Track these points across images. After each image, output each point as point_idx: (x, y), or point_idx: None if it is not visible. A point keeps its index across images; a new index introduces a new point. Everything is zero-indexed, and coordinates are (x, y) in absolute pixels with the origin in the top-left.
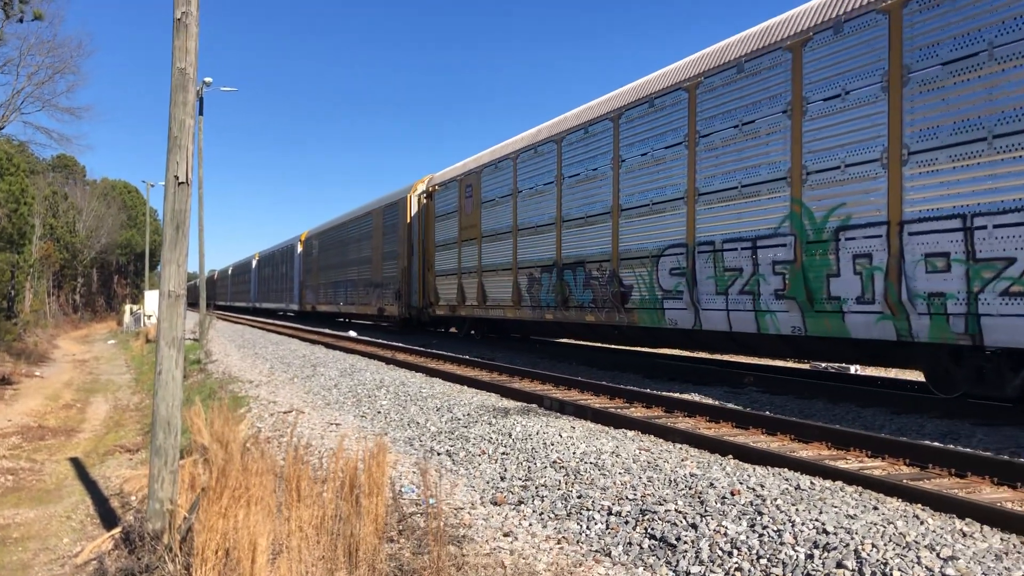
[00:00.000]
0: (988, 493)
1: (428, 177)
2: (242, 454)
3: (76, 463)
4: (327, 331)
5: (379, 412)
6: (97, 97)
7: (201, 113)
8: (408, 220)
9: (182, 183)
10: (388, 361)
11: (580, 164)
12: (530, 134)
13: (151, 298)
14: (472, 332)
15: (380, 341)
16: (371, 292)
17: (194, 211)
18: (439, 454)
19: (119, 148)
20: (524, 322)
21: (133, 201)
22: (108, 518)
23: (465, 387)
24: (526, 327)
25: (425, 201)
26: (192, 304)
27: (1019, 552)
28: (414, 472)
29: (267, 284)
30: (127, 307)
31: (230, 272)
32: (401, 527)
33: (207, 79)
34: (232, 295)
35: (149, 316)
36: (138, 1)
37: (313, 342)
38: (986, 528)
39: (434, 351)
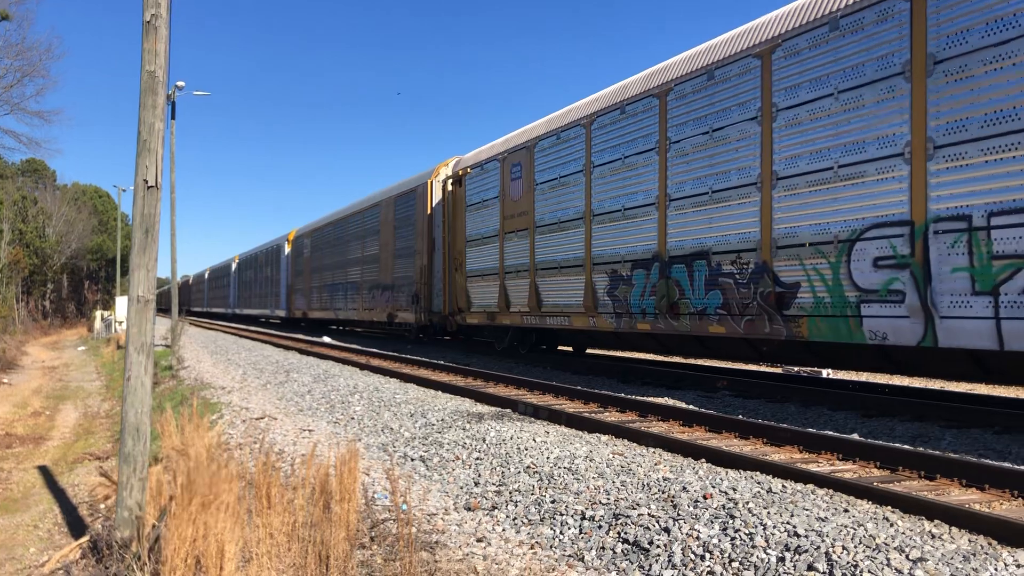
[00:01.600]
0: (957, 495)
1: (454, 159)
2: (212, 461)
3: (44, 471)
4: (301, 337)
5: (352, 418)
6: (67, 100)
7: (173, 117)
8: (428, 211)
9: (151, 187)
10: (362, 367)
11: (697, 123)
12: (611, 92)
13: (122, 304)
14: (516, 344)
15: (354, 347)
16: (379, 296)
17: (166, 215)
18: (413, 460)
19: (90, 152)
20: (598, 334)
21: (104, 206)
22: (76, 527)
23: (440, 392)
24: (600, 340)
25: (452, 188)
26: (165, 310)
27: (987, 553)
28: (387, 478)
29: (248, 288)
30: (98, 313)
31: (207, 276)
32: (373, 533)
33: (179, 83)
34: (209, 301)
35: (120, 322)
36: (109, 3)
37: (287, 348)
38: (955, 529)
39: (408, 356)
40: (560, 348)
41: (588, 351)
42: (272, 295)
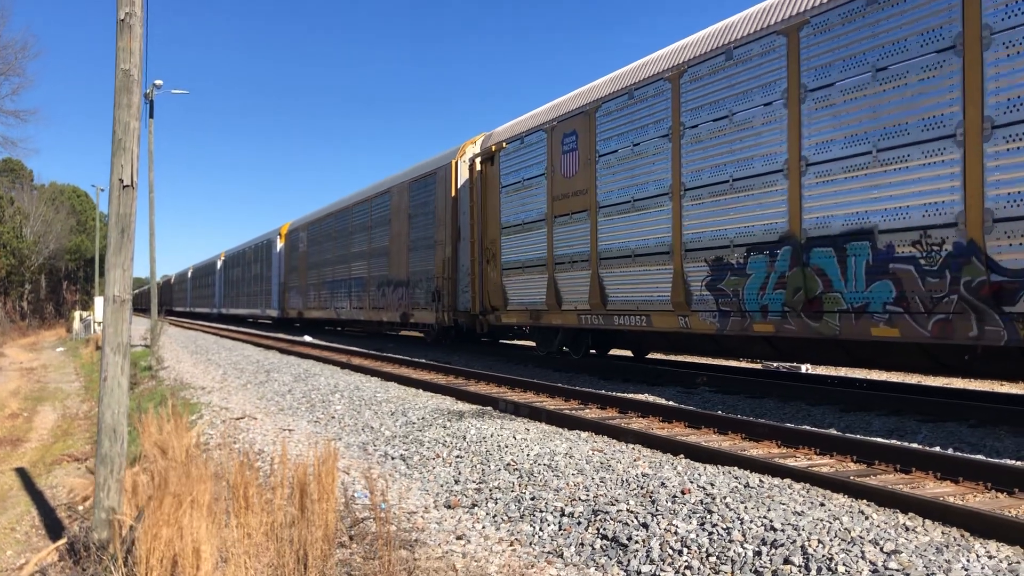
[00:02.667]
0: (931, 488)
1: (481, 136)
2: (190, 461)
3: (22, 473)
4: (282, 336)
5: (333, 417)
6: (44, 99)
7: (151, 116)
8: (453, 194)
9: (127, 186)
10: (343, 366)
11: (850, 63)
12: (709, 35)
13: (101, 304)
14: (565, 348)
15: (336, 346)
16: (390, 293)
17: (144, 215)
18: (393, 458)
19: (68, 152)
20: (691, 337)
21: (83, 206)
22: (54, 529)
23: (420, 391)
24: (691, 344)
25: (481, 167)
26: (146, 310)
27: (959, 545)
28: (367, 477)
29: (236, 287)
30: (77, 314)
31: (190, 275)
32: (353, 532)
33: (157, 82)
34: (192, 300)
35: (99, 323)
36: (85, 2)
37: (267, 347)
38: (928, 522)
39: (389, 355)
40: (616, 352)
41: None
42: (263, 294)
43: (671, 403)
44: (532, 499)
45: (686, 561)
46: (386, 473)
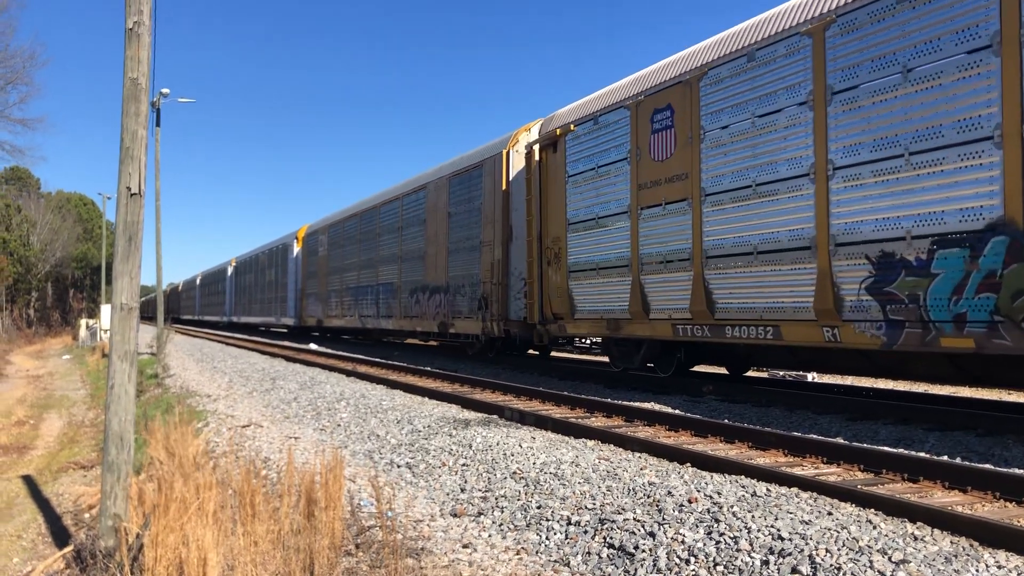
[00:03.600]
0: (939, 497)
1: (538, 121)
2: (196, 469)
3: (28, 481)
4: (287, 344)
5: (339, 425)
6: (51, 108)
7: (158, 124)
8: (504, 188)
9: (135, 194)
10: (349, 373)
11: None
12: None
13: (107, 312)
14: (650, 364)
15: (341, 353)
16: (425, 300)
17: (151, 223)
18: (399, 466)
19: (75, 160)
20: (840, 352)
21: (89, 214)
22: (60, 536)
23: (426, 399)
24: (838, 361)
25: (541, 156)
26: (152, 318)
27: (968, 555)
28: (373, 485)
29: (248, 294)
30: (83, 321)
31: (198, 282)
32: (359, 541)
33: (164, 90)
34: (201, 308)
35: (105, 330)
36: (93, 11)
37: (273, 355)
38: (937, 531)
39: (395, 363)
40: (704, 369)
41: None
42: (278, 301)
43: (677, 412)
44: (538, 508)
45: (693, 570)
46: (392, 481)
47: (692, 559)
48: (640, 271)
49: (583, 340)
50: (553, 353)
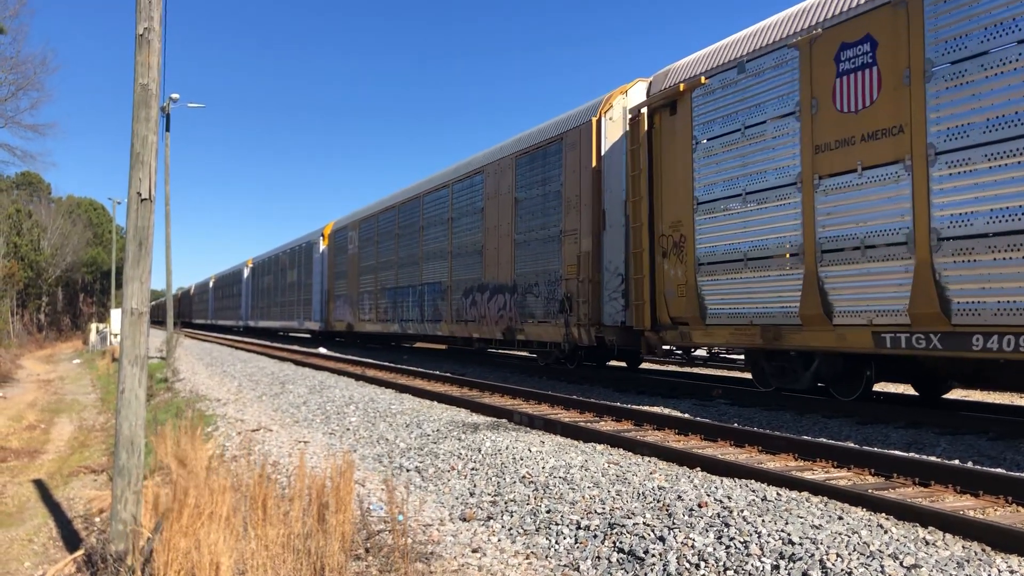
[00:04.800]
0: (951, 501)
1: (638, 81)
2: (207, 473)
3: (39, 484)
4: (296, 348)
5: (348, 429)
6: (62, 114)
7: (168, 129)
8: (594, 165)
9: (145, 200)
10: (358, 377)
11: None
12: None
13: (117, 316)
14: (822, 384)
15: (350, 357)
16: (484, 302)
17: (161, 227)
18: (408, 471)
19: (85, 165)
20: None
21: (99, 219)
22: (71, 540)
23: (435, 403)
24: None
25: (652, 121)
26: (161, 322)
27: (980, 560)
28: (383, 489)
29: (267, 296)
30: (93, 326)
31: (211, 285)
32: (368, 545)
33: (174, 95)
34: (215, 312)
35: (115, 335)
36: (103, 17)
37: (282, 359)
38: (948, 536)
39: (404, 366)
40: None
41: None
42: (300, 303)
43: (687, 415)
44: (548, 512)
45: (703, 575)
46: (401, 485)
47: (702, 563)
48: (818, 261)
49: (710, 350)
50: (644, 364)
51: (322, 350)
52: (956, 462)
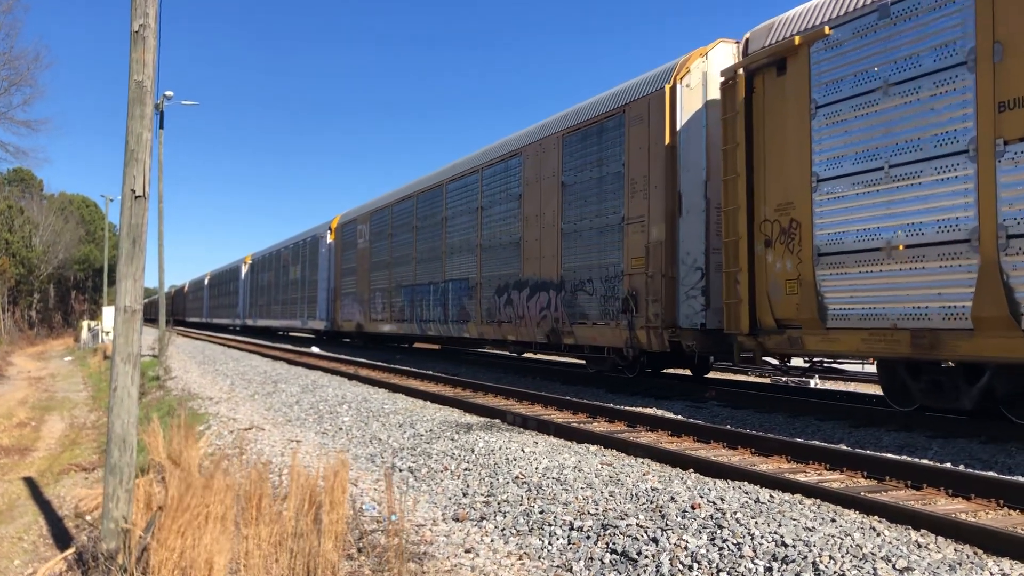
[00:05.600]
0: (943, 504)
1: (719, 42)
2: (200, 472)
3: (30, 482)
4: (288, 347)
5: (341, 429)
6: (55, 110)
7: (161, 126)
8: (668, 139)
9: (139, 197)
10: (351, 377)
11: None
12: None
13: (109, 314)
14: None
15: (343, 357)
16: (522, 301)
17: (154, 225)
18: (401, 471)
19: (78, 162)
20: None
21: (92, 216)
22: (62, 539)
23: (428, 403)
24: None
25: (752, 85)
26: (154, 320)
27: (972, 562)
28: (375, 489)
29: (267, 294)
30: (85, 323)
31: (207, 282)
32: (361, 544)
33: (168, 92)
34: (211, 310)
35: (107, 332)
36: (97, 12)
37: (275, 358)
38: (940, 539)
39: (397, 366)
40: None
41: None
42: (304, 301)
43: (680, 417)
44: (541, 513)
45: None
46: (394, 485)
47: (695, 565)
48: (1001, 249)
49: (811, 360)
50: (712, 374)
51: (315, 349)
52: (948, 465)
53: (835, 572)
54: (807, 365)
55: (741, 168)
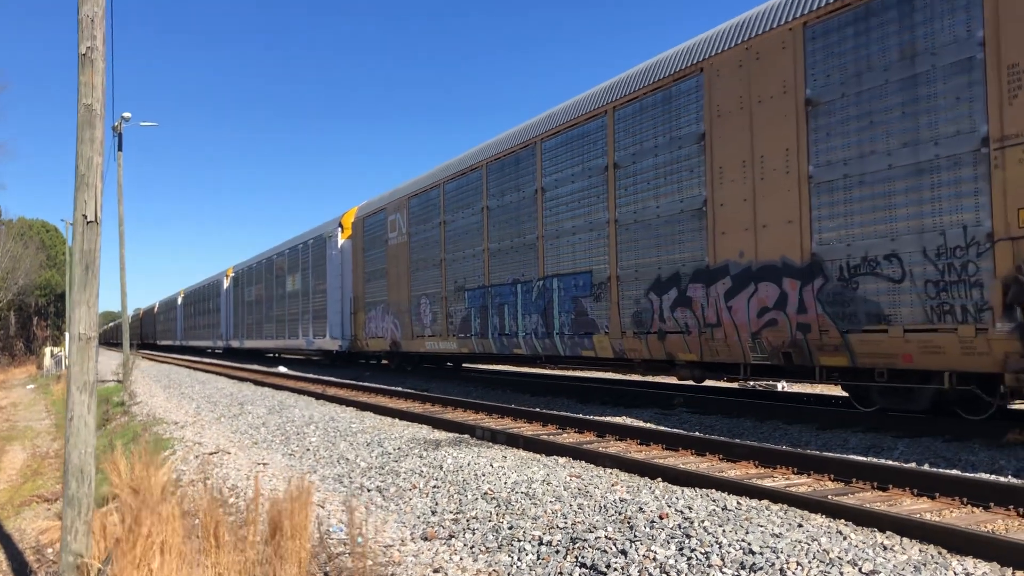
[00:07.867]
0: (908, 505)
1: None
2: (161, 500)
3: None
4: (256, 367)
5: (308, 449)
6: (11, 134)
7: (120, 149)
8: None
9: (91, 222)
10: (318, 396)
11: None
12: None
13: None
14: None
15: (310, 376)
16: (721, 298)
17: (115, 248)
18: (369, 490)
19: (36, 186)
20: None
21: (52, 240)
22: (21, 573)
23: (396, 420)
24: None
25: None
26: (119, 344)
27: (937, 562)
28: (343, 511)
29: (256, 311)
30: (47, 350)
31: (180, 301)
32: (328, 568)
33: (126, 114)
34: (185, 332)
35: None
36: (55, 35)
37: (241, 379)
38: (906, 540)
39: (365, 383)
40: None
41: None
42: (309, 316)
43: (649, 425)
44: (510, 528)
45: None
46: (362, 506)
47: None
48: None
49: None
50: None
51: (282, 369)
52: (913, 465)
53: None
54: None
55: None
